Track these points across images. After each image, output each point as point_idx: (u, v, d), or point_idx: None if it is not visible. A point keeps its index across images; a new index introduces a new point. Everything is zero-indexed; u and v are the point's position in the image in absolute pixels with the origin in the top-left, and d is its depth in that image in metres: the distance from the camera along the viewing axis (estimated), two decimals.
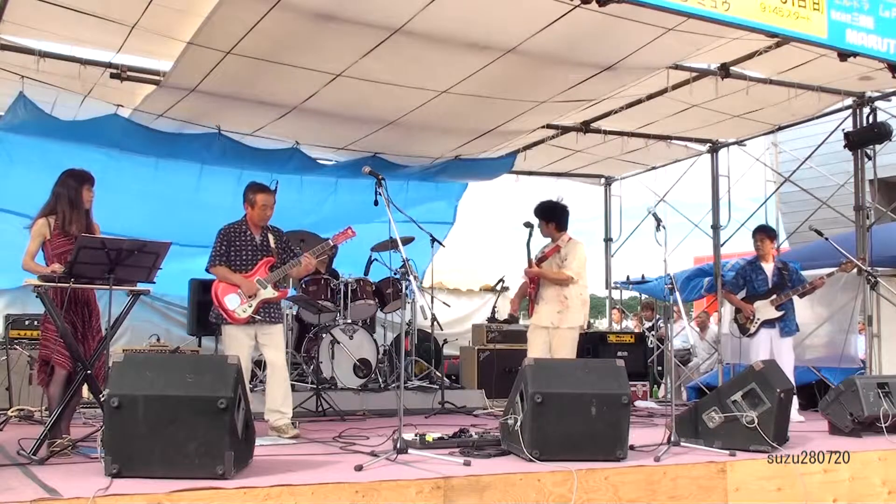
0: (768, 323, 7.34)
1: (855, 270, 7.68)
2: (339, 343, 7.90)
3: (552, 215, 6.71)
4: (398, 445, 4.55)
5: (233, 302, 5.77)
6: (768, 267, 7.54)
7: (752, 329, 7.38)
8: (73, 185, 5.05)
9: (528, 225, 6.68)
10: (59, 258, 4.89)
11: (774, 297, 7.32)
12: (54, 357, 4.85)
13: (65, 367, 4.84)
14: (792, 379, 6.97)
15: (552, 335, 6.47)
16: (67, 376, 4.86)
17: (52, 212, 5.04)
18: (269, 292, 5.85)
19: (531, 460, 4.44)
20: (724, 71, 7.50)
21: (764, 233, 7.68)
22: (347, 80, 6.93)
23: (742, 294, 7.58)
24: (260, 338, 5.87)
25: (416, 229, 7.40)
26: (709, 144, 10.17)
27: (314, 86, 7.09)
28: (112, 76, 7.04)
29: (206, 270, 5.94)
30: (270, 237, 6.02)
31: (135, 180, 8.52)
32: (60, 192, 5.05)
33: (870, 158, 8.51)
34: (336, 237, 6.18)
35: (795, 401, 6.93)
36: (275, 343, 5.91)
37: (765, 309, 7.35)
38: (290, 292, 8.56)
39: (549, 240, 6.75)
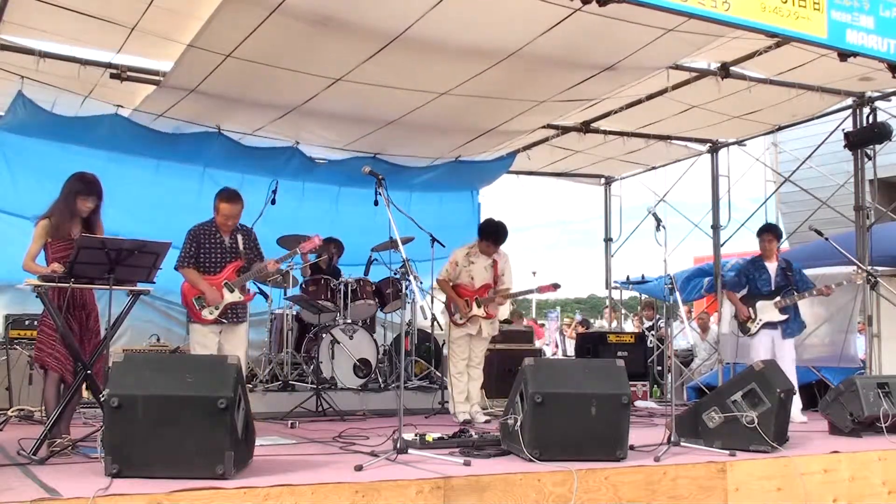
0: (770, 324, 7.24)
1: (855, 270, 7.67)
2: (339, 343, 7.90)
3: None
4: (398, 445, 4.55)
5: (200, 302, 5.88)
6: (772, 266, 7.40)
7: (754, 329, 7.27)
8: (74, 190, 4.99)
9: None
10: (59, 261, 4.86)
11: (778, 299, 7.20)
12: (46, 360, 4.84)
13: (56, 371, 4.83)
14: (794, 379, 6.96)
15: (481, 343, 7.06)
16: (60, 379, 4.85)
17: (53, 213, 5.02)
18: (235, 296, 5.93)
19: (531, 460, 4.44)
20: (724, 71, 7.50)
21: (772, 233, 7.52)
22: (348, 84, 6.94)
23: (743, 293, 7.47)
24: (223, 336, 5.96)
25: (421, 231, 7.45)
26: (709, 144, 10.17)
27: (314, 88, 7.10)
28: (112, 76, 7.05)
29: (175, 269, 5.93)
30: (239, 238, 6.05)
31: (135, 183, 8.53)
32: (63, 193, 5.02)
33: (870, 158, 8.51)
34: (303, 245, 6.27)
35: (798, 401, 6.92)
36: (236, 343, 5.99)
37: (768, 310, 7.24)
38: (290, 291, 8.59)
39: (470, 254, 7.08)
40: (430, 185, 9.95)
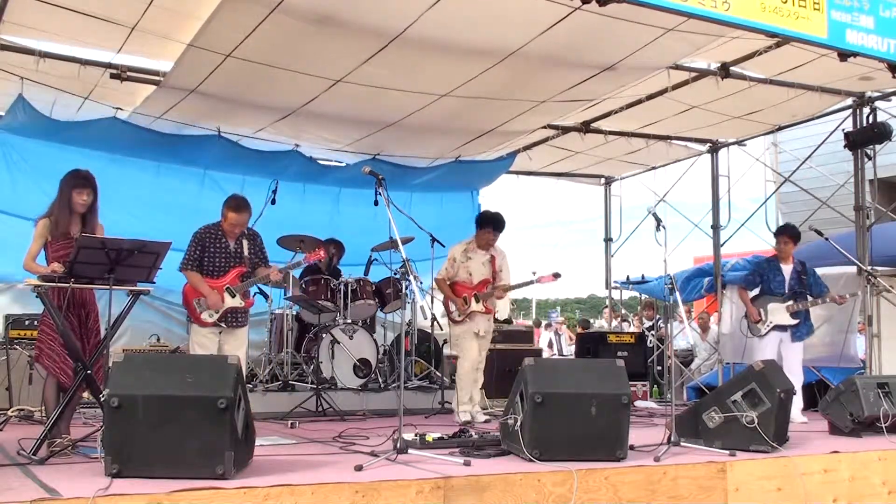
0: (780, 327, 7.16)
1: (855, 270, 7.65)
2: (339, 343, 7.90)
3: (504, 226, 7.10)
4: (398, 445, 4.55)
5: (201, 305, 5.92)
6: (787, 268, 7.29)
7: (764, 331, 7.19)
8: (70, 185, 4.99)
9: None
10: (58, 261, 4.86)
11: (791, 303, 7.12)
12: (44, 361, 4.85)
13: (52, 372, 4.83)
14: (800, 381, 6.94)
15: (483, 342, 7.05)
16: (58, 380, 4.85)
17: (52, 212, 5.02)
18: (236, 301, 5.97)
19: (531, 460, 4.44)
20: (724, 71, 7.50)
21: (789, 234, 7.36)
22: (348, 86, 6.93)
23: (756, 292, 7.38)
24: (223, 338, 6.00)
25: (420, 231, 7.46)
26: (709, 144, 10.17)
27: (314, 90, 7.10)
28: (112, 76, 7.04)
29: (179, 270, 5.97)
30: (245, 243, 6.07)
31: (136, 184, 8.53)
32: (60, 190, 5.02)
33: (870, 158, 8.51)
34: (307, 257, 6.42)
35: (798, 401, 6.90)
36: (236, 345, 6.01)
37: (779, 313, 7.15)
38: (289, 291, 8.59)
39: (467, 248, 7.09)
40: (430, 186, 9.95)
